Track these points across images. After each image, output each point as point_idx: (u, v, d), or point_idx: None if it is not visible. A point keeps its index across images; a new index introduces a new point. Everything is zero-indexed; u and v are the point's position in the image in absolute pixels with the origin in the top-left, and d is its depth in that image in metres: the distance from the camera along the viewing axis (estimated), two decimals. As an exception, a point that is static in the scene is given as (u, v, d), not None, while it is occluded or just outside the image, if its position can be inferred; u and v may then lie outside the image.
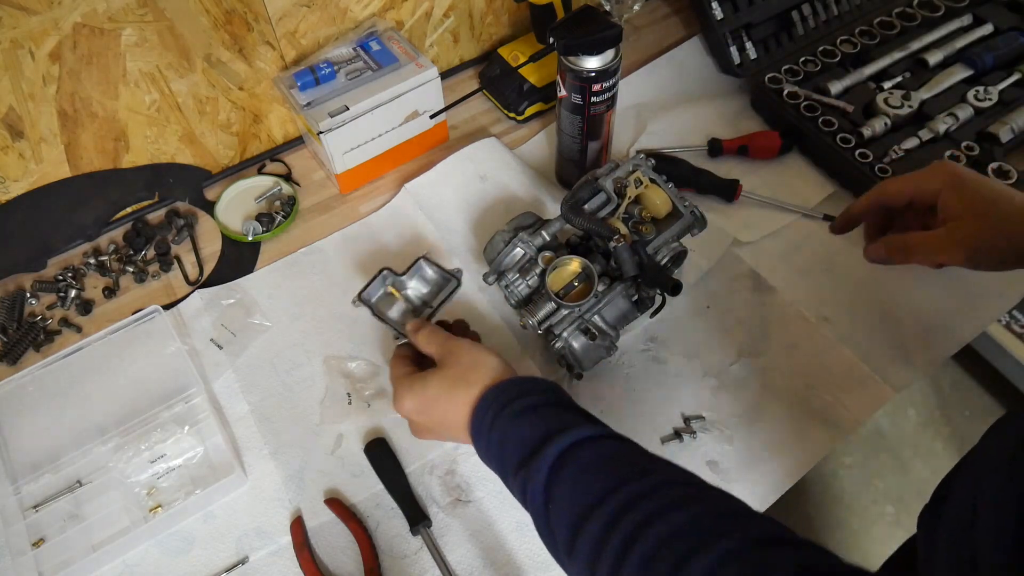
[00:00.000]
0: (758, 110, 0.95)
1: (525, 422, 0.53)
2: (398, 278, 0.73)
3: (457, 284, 0.72)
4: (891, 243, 0.63)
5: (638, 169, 0.70)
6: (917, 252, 0.61)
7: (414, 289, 0.74)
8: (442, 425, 0.59)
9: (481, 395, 0.56)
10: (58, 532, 0.66)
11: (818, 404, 0.71)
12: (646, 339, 0.76)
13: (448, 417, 0.58)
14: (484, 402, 0.55)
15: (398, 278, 0.73)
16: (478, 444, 0.56)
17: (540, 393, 0.55)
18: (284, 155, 0.95)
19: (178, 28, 0.77)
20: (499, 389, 0.56)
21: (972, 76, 0.90)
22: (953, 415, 1.74)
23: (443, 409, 0.58)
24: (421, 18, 0.95)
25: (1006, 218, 0.57)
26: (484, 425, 0.55)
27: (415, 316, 0.72)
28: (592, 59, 0.73)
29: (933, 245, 0.60)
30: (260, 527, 0.67)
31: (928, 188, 0.60)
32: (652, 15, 1.10)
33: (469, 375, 0.58)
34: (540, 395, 0.55)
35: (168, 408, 0.72)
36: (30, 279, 0.85)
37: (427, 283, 0.75)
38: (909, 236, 0.62)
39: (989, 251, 0.57)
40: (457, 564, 0.64)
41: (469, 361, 0.59)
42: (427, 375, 0.59)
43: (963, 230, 0.58)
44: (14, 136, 0.76)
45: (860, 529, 1.59)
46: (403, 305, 0.73)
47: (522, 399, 0.54)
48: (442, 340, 0.62)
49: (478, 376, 0.57)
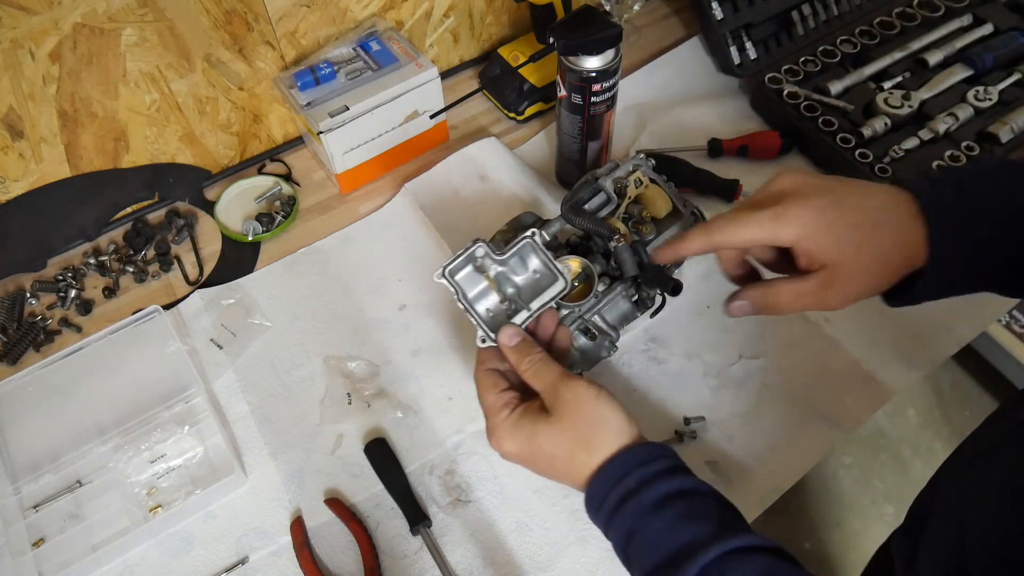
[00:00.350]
0: (758, 110, 0.95)
1: (660, 520, 0.46)
2: (494, 255, 0.58)
3: (564, 286, 0.57)
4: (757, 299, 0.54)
5: (638, 169, 0.70)
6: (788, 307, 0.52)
7: (509, 272, 0.60)
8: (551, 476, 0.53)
9: (601, 466, 0.49)
10: (58, 532, 0.66)
11: (818, 404, 0.71)
12: (646, 339, 0.76)
13: (558, 475, 0.52)
14: (606, 477, 0.49)
15: (494, 255, 0.58)
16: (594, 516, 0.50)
17: (672, 475, 0.48)
18: (284, 155, 0.95)
19: (178, 28, 0.77)
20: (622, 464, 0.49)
21: (972, 76, 0.90)
22: (953, 415, 1.74)
23: (552, 467, 0.51)
24: (421, 18, 0.95)
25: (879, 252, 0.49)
26: (607, 506, 0.48)
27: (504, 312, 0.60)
28: (592, 59, 0.73)
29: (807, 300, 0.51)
30: (260, 527, 0.67)
31: (782, 237, 0.50)
32: (652, 15, 1.10)
33: (590, 438, 0.50)
34: (673, 478, 0.48)
35: (168, 408, 0.72)
36: (30, 279, 0.85)
37: (526, 271, 0.60)
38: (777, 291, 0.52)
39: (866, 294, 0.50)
40: (457, 564, 0.64)
41: (590, 419, 0.51)
42: (536, 422, 0.51)
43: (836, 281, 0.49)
44: (14, 136, 0.76)
45: (860, 529, 1.59)
46: (493, 293, 0.60)
47: (654, 485, 0.47)
48: (554, 379, 0.52)
49: (599, 440, 0.50)
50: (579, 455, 0.50)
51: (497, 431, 0.53)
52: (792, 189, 0.51)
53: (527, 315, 0.57)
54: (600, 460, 0.49)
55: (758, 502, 0.66)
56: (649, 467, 0.48)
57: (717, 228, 0.52)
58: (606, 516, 0.49)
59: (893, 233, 0.49)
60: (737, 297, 0.55)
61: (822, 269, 0.49)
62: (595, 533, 0.64)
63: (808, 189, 0.50)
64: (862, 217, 0.49)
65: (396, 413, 0.72)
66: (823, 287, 0.50)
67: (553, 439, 0.51)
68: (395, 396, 0.73)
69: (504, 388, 0.54)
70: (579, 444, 0.50)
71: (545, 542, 0.65)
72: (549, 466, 0.52)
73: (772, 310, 0.53)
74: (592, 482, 0.49)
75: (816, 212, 0.49)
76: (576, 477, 0.50)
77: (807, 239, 0.49)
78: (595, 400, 0.51)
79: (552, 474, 0.52)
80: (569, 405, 0.51)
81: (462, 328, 0.78)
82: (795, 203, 0.49)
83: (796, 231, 0.49)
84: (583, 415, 0.51)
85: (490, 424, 0.53)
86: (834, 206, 0.49)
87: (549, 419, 0.51)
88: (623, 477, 0.48)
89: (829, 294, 0.50)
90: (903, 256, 0.49)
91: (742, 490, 0.66)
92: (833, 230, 0.49)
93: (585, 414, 0.51)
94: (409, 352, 0.77)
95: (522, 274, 0.61)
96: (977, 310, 0.76)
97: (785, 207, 0.49)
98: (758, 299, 0.54)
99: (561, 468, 0.51)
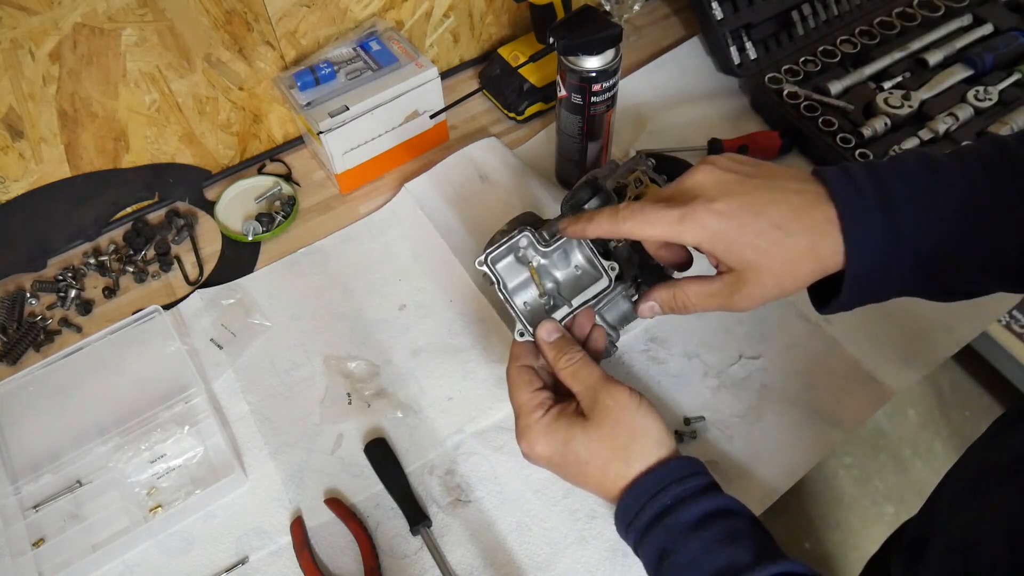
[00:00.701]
0: (758, 110, 0.95)
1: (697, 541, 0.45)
2: (538, 246, 0.56)
3: (608, 284, 0.56)
4: (665, 301, 0.53)
5: (638, 169, 0.70)
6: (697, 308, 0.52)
7: (551, 266, 0.59)
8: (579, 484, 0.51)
9: (636, 479, 0.48)
10: (58, 532, 0.66)
11: (818, 404, 0.71)
12: (646, 339, 0.76)
13: (588, 484, 0.50)
14: (641, 491, 0.47)
15: (538, 246, 0.56)
16: (624, 532, 0.49)
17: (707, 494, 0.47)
18: (284, 155, 0.95)
19: (178, 28, 0.78)
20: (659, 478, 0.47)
21: (972, 76, 0.91)
22: (953, 415, 1.74)
23: (584, 475, 0.50)
24: (421, 18, 0.95)
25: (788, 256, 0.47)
26: (640, 522, 0.47)
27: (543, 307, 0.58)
28: (592, 59, 0.73)
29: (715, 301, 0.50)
30: (260, 527, 0.67)
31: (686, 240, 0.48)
32: (652, 15, 1.10)
33: (629, 448, 0.48)
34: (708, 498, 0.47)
35: (168, 408, 0.72)
36: (30, 279, 0.85)
37: (568, 265, 0.59)
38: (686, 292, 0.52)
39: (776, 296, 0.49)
40: (457, 564, 0.64)
41: (629, 428, 0.49)
42: (572, 426, 0.50)
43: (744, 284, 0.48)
44: (14, 136, 0.76)
45: (860, 529, 1.59)
46: (532, 286, 0.58)
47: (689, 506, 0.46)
48: (594, 382, 0.50)
49: (638, 451, 0.48)
50: (614, 464, 0.48)
51: (529, 432, 0.50)
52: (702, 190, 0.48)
53: (568, 311, 0.55)
54: (636, 472, 0.48)
55: (758, 502, 0.66)
56: (686, 484, 0.47)
57: (624, 218, 0.50)
58: (638, 532, 0.47)
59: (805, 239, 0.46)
60: (646, 298, 0.54)
61: (729, 272, 0.48)
62: (595, 533, 0.65)
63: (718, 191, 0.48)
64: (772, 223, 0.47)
65: (396, 413, 0.72)
66: (730, 289, 0.49)
67: (589, 446, 0.49)
68: (395, 396, 0.73)
69: (538, 387, 0.52)
70: (616, 453, 0.48)
71: (545, 542, 0.65)
72: (581, 473, 0.50)
73: (681, 310, 0.52)
74: (626, 495, 0.48)
75: (722, 218, 0.47)
76: (609, 488, 0.49)
77: (712, 244, 0.48)
78: (637, 409, 0.49)
79: (582, 481, 0.50)
80: (609, 412, 0.49)
81: (462, 328, 0.78)
82: (703, 206, 0.47)
83: (700, 235, 0.47)
84: (623, 423, 0.49)
85: (521, 424, 0.51)
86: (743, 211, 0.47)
87: (587, 424, 0.49)
88: (659, 492, 0.47)
89: (736, 297, 0.49)
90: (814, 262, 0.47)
91: (742, 490, 0.66)
92: (741, 235, 0.47)
93: (625, 422, 0.49)
94: (409, 352, 0.77)
95: (564, 269, 0.59)
96: (977, 310, 0.76)
97: (693, 209, 0.47)
98: (666, 299, 0.53)
99: (594, 477, 0.49)
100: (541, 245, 0.57)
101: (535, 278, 0.57)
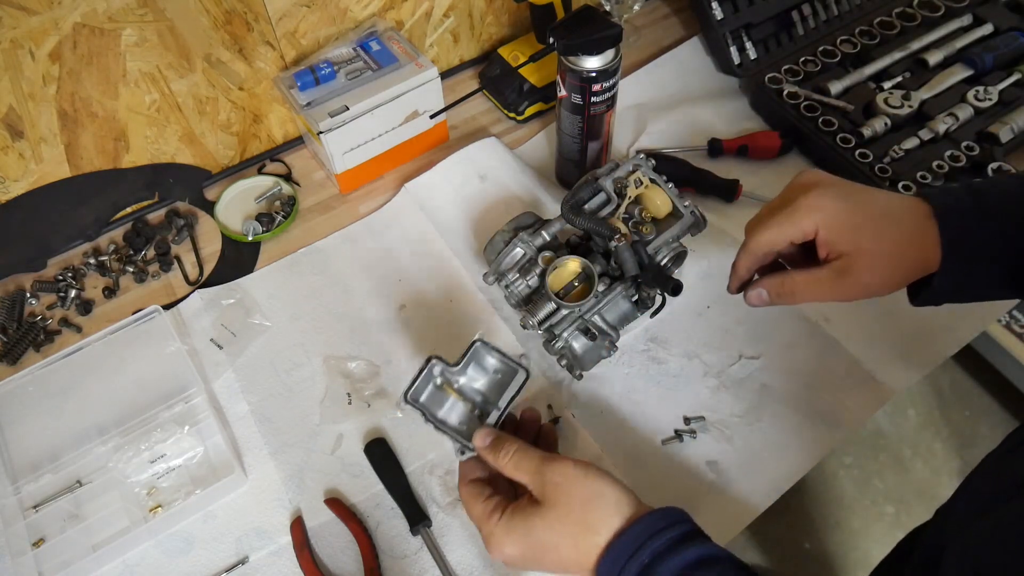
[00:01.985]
0: (758, 110, 0.95)
1: None
2: (450, 369, 0.60)
3: (526, 375, 0.60)
4: (773, 288, 0.55)
5: (638, 169, 0.70)
6: (804, 296, 0.54)
7: (470, 380, 0.62)
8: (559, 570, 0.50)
9: (609, 545, 0.47)
10: (58, 532, 0.66)
11: (818, 404, 0.71)
12: (646, 339, 0.76)
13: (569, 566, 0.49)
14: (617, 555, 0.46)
15: (450, 369, 0.60)
16: None
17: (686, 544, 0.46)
18: (284, 155, 0.95)
19: (178, 28, 0.78)
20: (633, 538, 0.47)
21: (972, 76, 0.90)
22: (953, 415, 1.74)
23: (560, 559, 0.49)
24: (421, 18, 0.95)
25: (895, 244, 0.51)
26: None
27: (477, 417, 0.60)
28: (592, 59, 0.73)
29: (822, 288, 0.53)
30: (260, 527, 0.67)
31: (802, 230, 0.53)
32: (652, 15, 1.10)
33: (589, 516, 0.48)
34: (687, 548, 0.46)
35: (168, 408, 0.72)
36: (30, 279, 0.85)
37: (486, 373, 0.63)
38: (794, 280, 0.54)
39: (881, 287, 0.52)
40: (457, 564, 0.64)
41: (582, 499, 0.49)
42: (528, 515, 0.49)
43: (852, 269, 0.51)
44: (14, 136, 0.76)
45: (860, 529, 1.59)
46: (460, 403, 0.61)
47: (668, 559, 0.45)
48: (536, 466, 0.51)
49: (600, 517, 0.48)
50: (583, 538, 0.48)
51: (493, 538, 0.50)
52: (812, 182, 0.54)
53: (497, 414, 0.58)
54: (607, 538, 0.47)
55: (758, 502, 0.66)
56: (663, 536, 0.46)
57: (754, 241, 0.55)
58: None
59: (908, 230, 0.51)
60: (755, 286, 0.57)
61: (839, 258, 0.51)
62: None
63: (828, 182, 0.53)
64: (879, 211, 0.51)
65: (396, 413, 0.72)
66: (839, 275, 0.52)
67: (551, 528, 0.48)
68: (395, 396, 0.73)
69: (488, 495, 0.53)
70: (579, 527, 0.48)
71: (545, 542, 0.65)
72: (556, 558, 0.49)
73: (788, 299, 0.55)
74: (602, 564, 0.47)
75: (836, 201, 0.52)
76: (586, 562, 0.48)
77: (827, 227, 0.51)
78: (584, 477, 0.49)
79: (561, 567, 0.50)
80: (559, 488, 0.49)
81: (462, 328, 0.78)
82: (816, 193, 0.52)
83: (817, 218, 0.52)
84: (575, 495, 0.49)
85: (484, 533, 0.51)
86: (853, 197, 0.52)
87: (542, 509, 0.49)
88: (636, 551, 0.46)
89: (845, 283, 0.52)
90: (918, 254, 0.51)
91: (742, 490, 0.66)
92: (852, 219, 0.51)
93: (577, 493, 0.49)
94: (409, 352, 0.77)
95: (483, 377, 0.62)
96: (977, 310, 0.76)
97: (807, 198, 0.52)
98: (775, 287, 0.56)
99: (568, 557, 0.48)
100: (452, 366, 0.60)
101: (458, 398, 0.61)
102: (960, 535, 0.48)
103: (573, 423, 0.70)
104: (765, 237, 0.54)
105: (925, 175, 0.81)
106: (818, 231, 0.52)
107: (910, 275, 0.52)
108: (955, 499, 0.54)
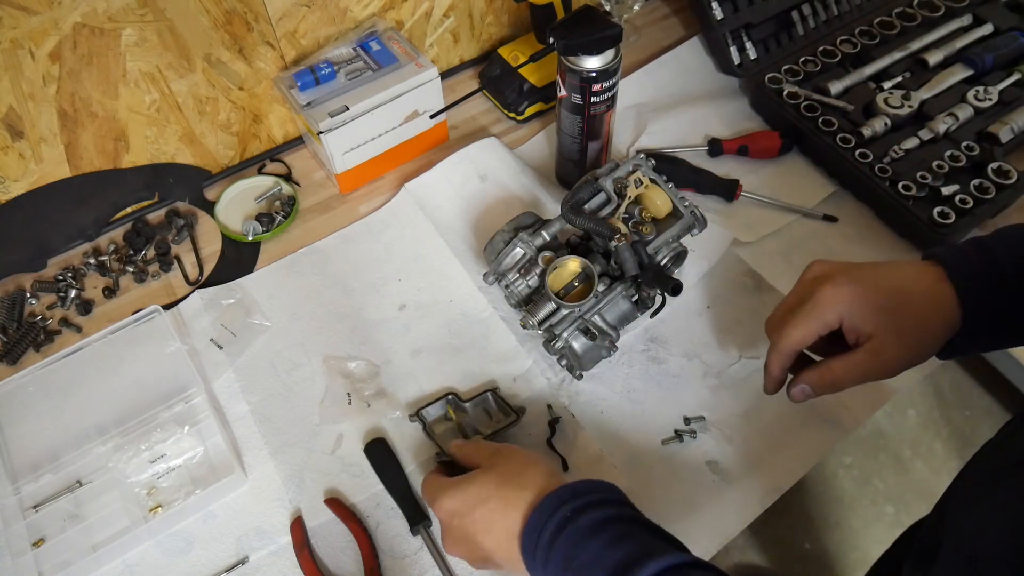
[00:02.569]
0: (758, 110, 0.95)
1: (598, 541, 0.47)
2: (461, 404, 0.71)
3: (516, 420, 0.68)
4: (814, 381, 0.58)
5: (638, 169, 0.70)
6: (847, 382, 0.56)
7: (471, 415, 0.72)
8: (485, 532, 0.53)
9: (537, 502, 0.51)
10: (58, 532, 0.66)
11: (818, 404, 0.71)
12: (646, 339, 0.76)
13: (494, 523, 0.53)
14: (542, 511, 0.50)
15: (461, 404, 0.71)
16: (531, 559, 0.50)
17: (607, 505, 0.50)
18: (284, 155, 0.95)
19: (178, 28, 0.78)
20: (558, 497, 0.50)
21: (972, 76, 0.91)
22: (953, 415, 1.74)
23: (489, 510, 0.53)
24: (421, 18, 0.95)
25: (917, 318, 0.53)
26: (544, 539, 0.49)
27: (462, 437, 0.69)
28: (592, 59, 0.73)
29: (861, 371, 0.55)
30: (260, 527, 0.67)
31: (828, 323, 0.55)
32: (652, 15, 1.10)
33: (521, 476, 0.53)
34: (608, 507, 0.50)
35: (168, 408, 0.72)
36: (30, 279, 0.85)
37: (487, 414, 0.72)
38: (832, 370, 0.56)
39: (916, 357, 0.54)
40: (457, 564, 0.64)
41: (520, 461, 0.55)
42: (472, 475, 0.55)
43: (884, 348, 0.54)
44: (14, 136, 0.76)
45: (860, 529, 1.59)
46: (452, 428, 0.70)
47: (590, 512, 0.49)
48: (490, 447, 0.59)
49: (531, 478, 0.53)
50: (510, 492, 0.53)
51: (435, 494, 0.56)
52: (824, 275, 0.56)
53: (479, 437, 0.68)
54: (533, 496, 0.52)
55: (758, 502, 0.66)
56: (584, 498, 0.50)
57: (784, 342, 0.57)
58: (545, 547, 0.49)
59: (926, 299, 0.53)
60: (797, 382, 0.59)
61: (869, 340, 0.54)
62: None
63: (839, 270, 0.56)
64: (895, 287, 0.54)
65: (396, 413, 0.72)
66: (874, 355, 0.54)
67: (486, 483, 0.54)
68: (395, 396, 0.73)
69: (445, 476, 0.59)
70: (510, 482, 0.53)
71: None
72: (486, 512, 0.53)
73: (832, 388, 0.57)
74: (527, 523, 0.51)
75: (852, 286, 0.54)
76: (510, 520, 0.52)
77: (850, 315, 0.54)
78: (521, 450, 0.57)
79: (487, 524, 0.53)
80: (499, 452, 0.57)
81: (462, 328, 0.78)
82: (832, 284, 0.55)
83: (840, 309, 0.54)
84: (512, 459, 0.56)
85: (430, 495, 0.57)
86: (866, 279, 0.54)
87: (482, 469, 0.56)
88: (560, 505, 0.50)
89: (880, 361, 0.54)
90: (941, 319, 0.53)
91: (742, 490, 0.66)
92: (872, 301, 0.53)
93: (514, 459, 0.56)
94: (409, 352, 0.77)
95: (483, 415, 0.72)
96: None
97: (824, 292, 0.55)
98: (816, 380, 0.57)
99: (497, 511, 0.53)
100: (463, 401, 0.71)
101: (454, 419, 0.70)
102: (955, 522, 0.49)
103: (573, 423, 0.70)
104: (795, 337, 0.56)
105: (925, 175, 0.81)
106: (843, 320, 0.54)
107: (940, 337, 0.54)
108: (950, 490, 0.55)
